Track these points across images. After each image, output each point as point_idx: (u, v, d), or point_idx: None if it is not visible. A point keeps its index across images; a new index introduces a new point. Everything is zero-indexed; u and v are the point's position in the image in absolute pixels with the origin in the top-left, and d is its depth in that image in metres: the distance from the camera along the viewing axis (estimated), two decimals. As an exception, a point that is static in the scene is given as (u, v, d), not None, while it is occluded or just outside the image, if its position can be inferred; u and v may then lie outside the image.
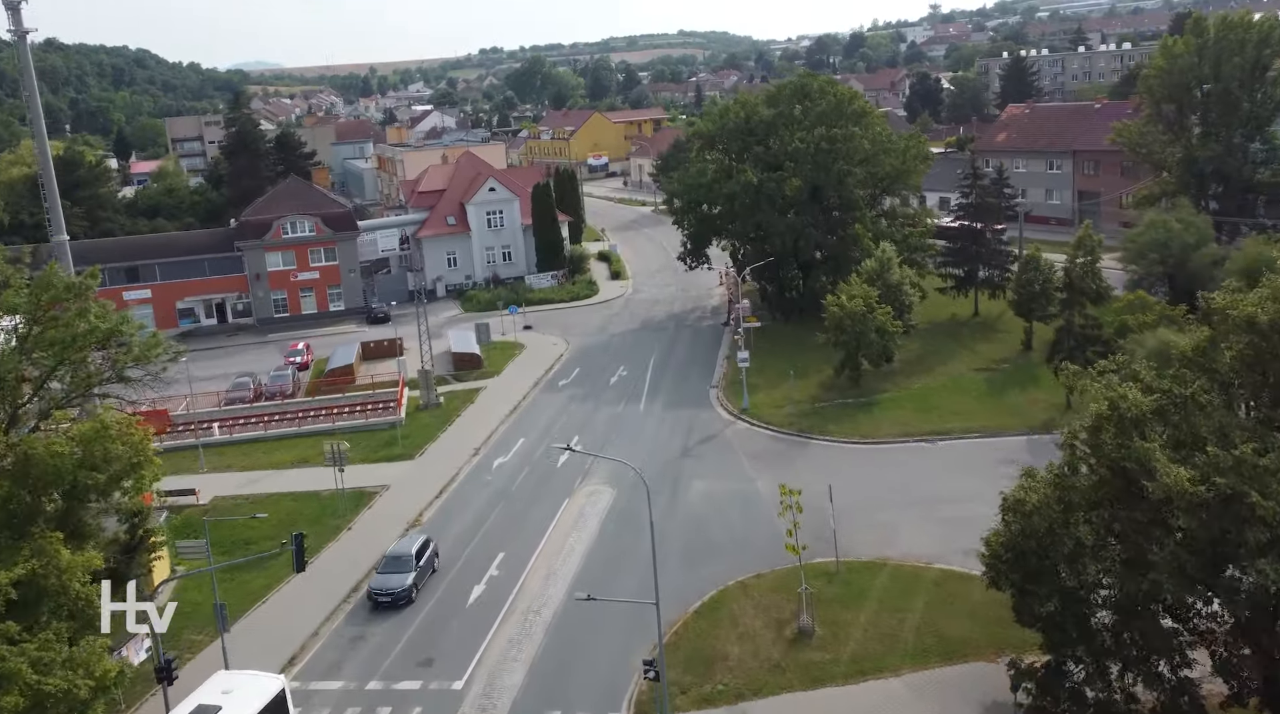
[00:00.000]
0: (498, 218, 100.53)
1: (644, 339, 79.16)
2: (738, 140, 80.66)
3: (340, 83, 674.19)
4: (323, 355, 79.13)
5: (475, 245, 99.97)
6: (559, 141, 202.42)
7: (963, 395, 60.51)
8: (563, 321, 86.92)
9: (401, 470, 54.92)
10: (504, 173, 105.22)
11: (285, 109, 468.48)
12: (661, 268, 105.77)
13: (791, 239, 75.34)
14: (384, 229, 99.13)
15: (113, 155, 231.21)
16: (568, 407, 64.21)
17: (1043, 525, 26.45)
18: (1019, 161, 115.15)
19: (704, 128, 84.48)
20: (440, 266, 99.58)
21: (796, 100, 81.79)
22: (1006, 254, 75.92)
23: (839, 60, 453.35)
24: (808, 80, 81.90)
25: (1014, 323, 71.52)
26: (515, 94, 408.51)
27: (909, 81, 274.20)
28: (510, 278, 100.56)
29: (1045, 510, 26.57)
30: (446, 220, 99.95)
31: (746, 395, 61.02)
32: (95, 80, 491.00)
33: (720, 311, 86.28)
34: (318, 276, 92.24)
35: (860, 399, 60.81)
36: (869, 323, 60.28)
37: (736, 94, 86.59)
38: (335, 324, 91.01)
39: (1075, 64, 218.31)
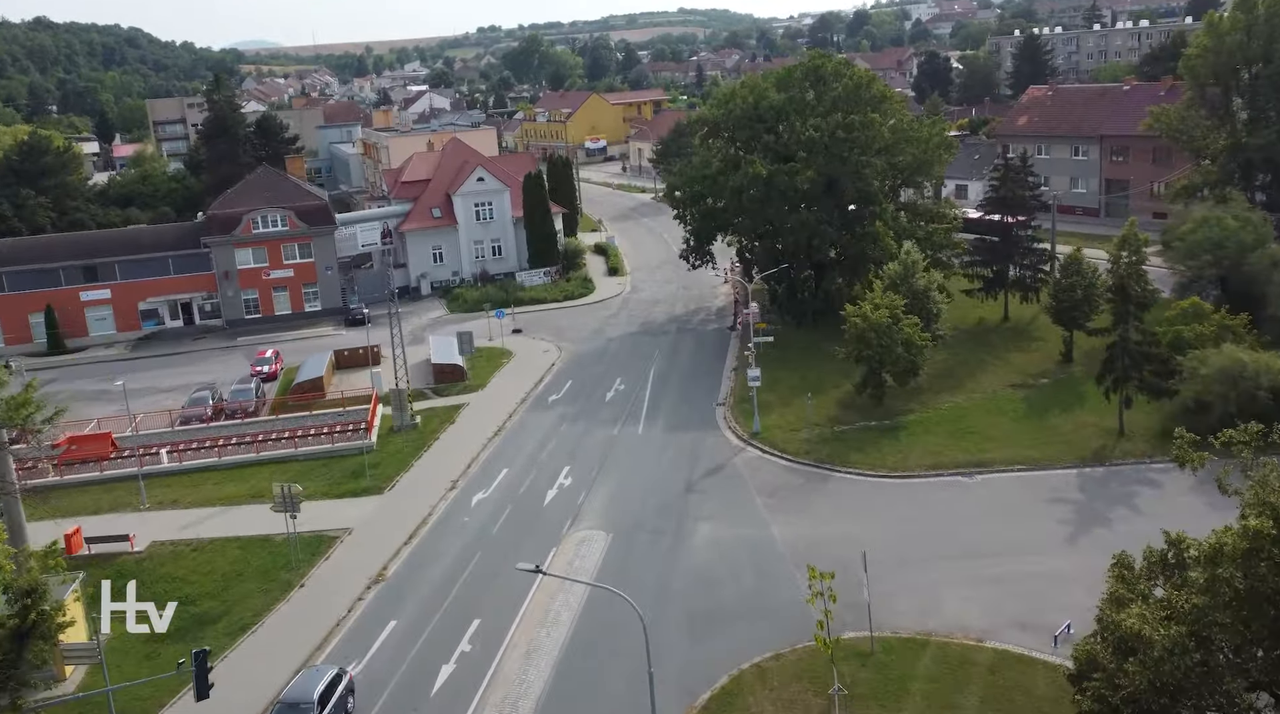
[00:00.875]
0: (486, 210, 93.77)
1: (643, 345, 72.60)
2: (745, 128, 73.81)
3: (335, 63, 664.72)
4: (294, 363, 72.65)
5: (462, 239, 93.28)
6: (555, 124, 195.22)
7: (999, 417, 53.97)
8: (555, 324, 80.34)
9: (368, 508, 48.43)
10: (494, 161, 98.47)
11: (279, 90, 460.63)
12: (662, 262, 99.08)
13: (804, 237, 68.68)
14: (364, 223, 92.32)
15: (94, 138, 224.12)
16: (558, 428, 57.69)
17: (1176, 674, 19.75)
18: (1041, 147, 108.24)
19: (708, 114, 77.65)
20: (425, 262, 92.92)
21: (809, 84, 75.00)
22: (1040, 253, 69.30)
23: (842, 39, 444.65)
24: (821, 61, 74.98)
25: (1049, 329, 65.04)
26: (512, 74, 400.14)
27: (916, 61, 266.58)
28: (500, 274, 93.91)
29: (1180, 657, 19.84)
30: (431, 212, 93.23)
31: (758, 417, 54.50)
32: (85, 60, 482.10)
33: (725, 314, 79.70)
34: (292, 275, 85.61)
35: (885, 421, 54.28)
36: (894, 336, 53.70)
37: (742, 76, 78.50)
38: (311, 326, 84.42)
39: (1090, 42, 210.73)
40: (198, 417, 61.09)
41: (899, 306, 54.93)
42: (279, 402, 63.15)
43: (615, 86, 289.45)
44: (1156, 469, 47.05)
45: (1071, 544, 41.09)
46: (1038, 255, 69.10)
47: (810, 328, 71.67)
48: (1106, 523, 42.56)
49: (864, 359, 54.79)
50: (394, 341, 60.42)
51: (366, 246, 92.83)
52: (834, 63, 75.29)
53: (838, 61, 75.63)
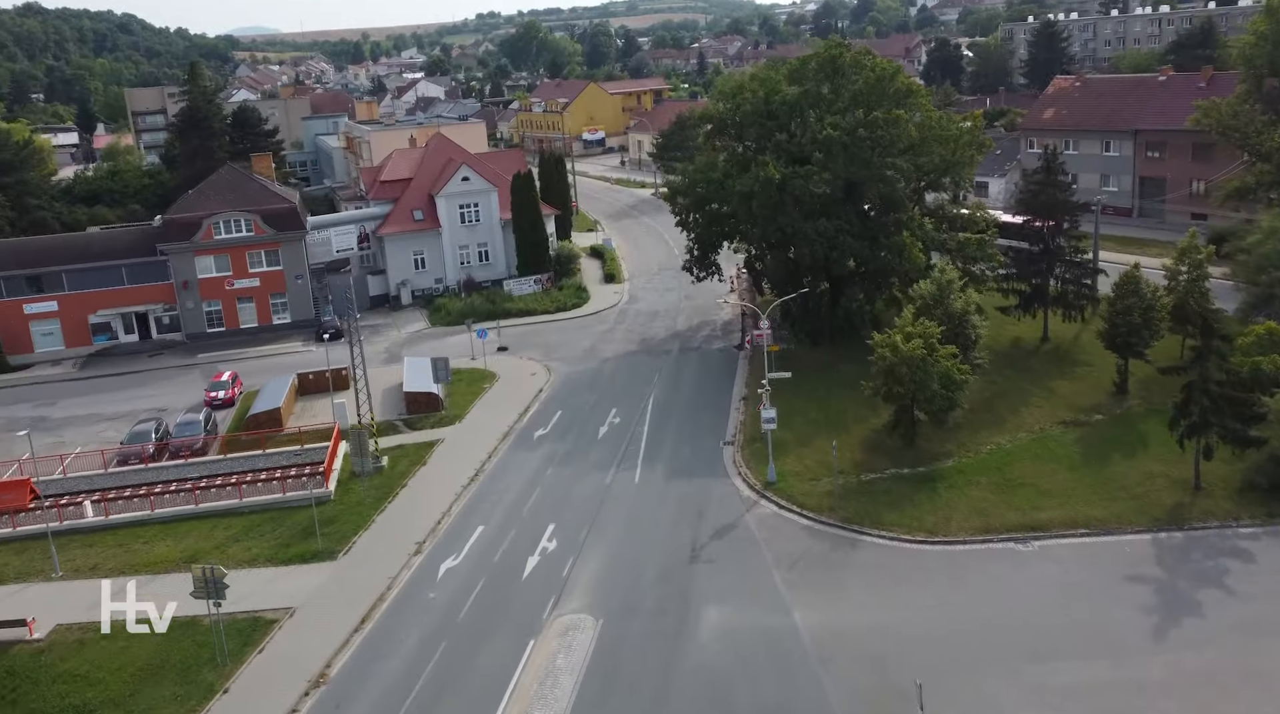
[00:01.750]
0: (472, 212, 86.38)
1: (641, 368, 65.37)
2: (755, 125, 66.38)
3: (331, 49, 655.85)
4: (256, 386, 65.51)
5: (446, 244, 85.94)
6: (552, 114, 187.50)
7: (1051, 464, 46.74)
8: (545, 340, 73.09)
9: (318, 579, 41.24)
10: (481, 158, 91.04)
11: (273, 77, 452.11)
12: (662, 267, 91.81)
13: (822, 248, 61.31)
14: (339, 226, 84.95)
15: (74, 129, 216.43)
16: (543, 473, 50.44)
17: None
18: (1069, 142, 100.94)
19: (714, 110, 70.17)
20: (405, 269, 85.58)
21: (825, 76, 67.55)
22: (1084, 266, 62.01)
23: (847, 25, 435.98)
24: (838, 51, 67.43)
25: (1096, 352, 57.92)
26: (510, 62, 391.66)
27: (925, 48, 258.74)
28: (487, 282, 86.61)
29: None
30: (413, 215, 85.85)
31: (773, 465, 47.28)
32: (75, 47, 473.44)
33: (732, 329, 72.49)
34: (258, 284, 78.31)
35: (919, 468, 47.09)
36: (930, 371, 46.45)
37: (748, 66, 70.62)
38: (279, 341, 77.18)
39: (1108, 29, 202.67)
40: (137, 455, 53.89)
41: (934, 336, 47.68)
42: (229, 438, 55.85)
43: (615, 74, 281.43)
44: (1245, 534, 40.09)
45: (1157, 640, 34.00)
46: (1081, 268, 61.81)
47: (827, 347, 64.46)
48: (1196, 609, 35.48)
49: (893, 397, 47.55)
50: (354, 370, 53.04)
51: (342, 252, 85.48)
52: (852, 53, 67.75)
53: (857, 51, 68.09)
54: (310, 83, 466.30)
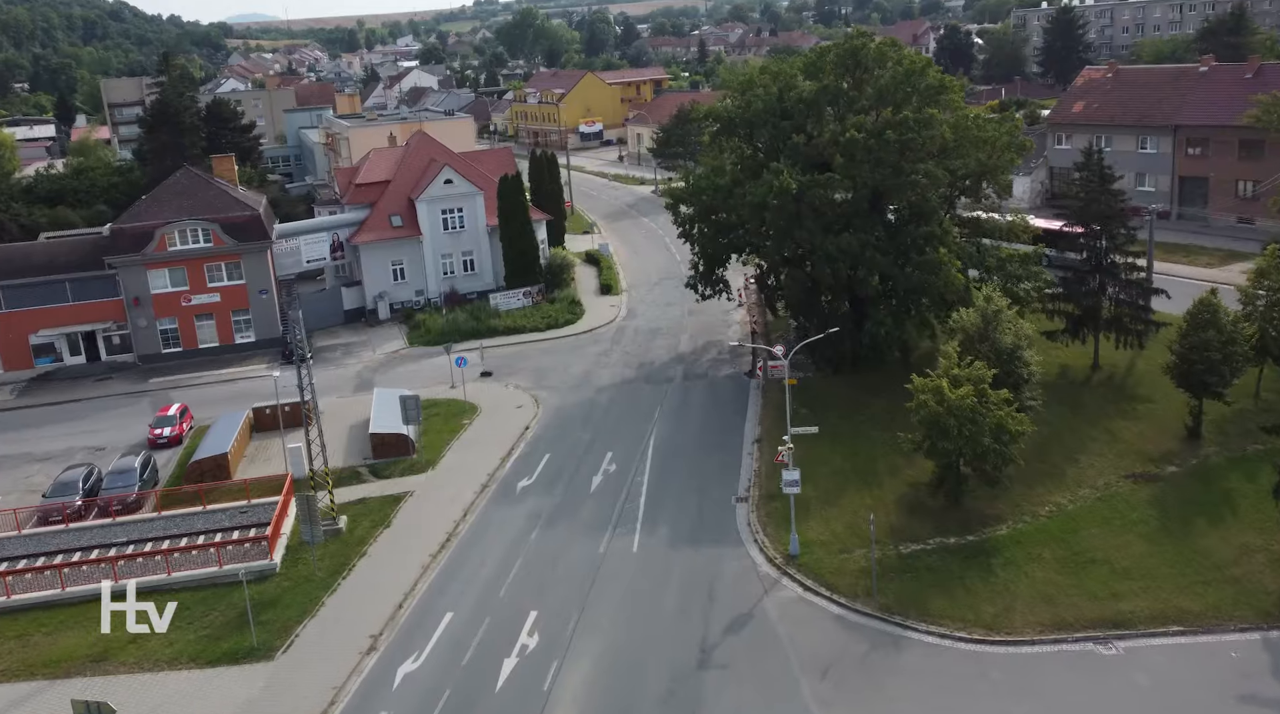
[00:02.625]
0: (455, 217, 79.06)
1: (641, 399, 58.15)
2: (768, 126, 58.98)
3: (326, 37, 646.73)
4: (209, 419, 58.46)
5: (428, 252, 78.61)
6: (547, 106, 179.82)
7: (1125, 533, 39.56)
8: (534, 364, 65.87)
9: (247, 688, 34.03)
10: (466, 158, 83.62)
11: (265, 66, 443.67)
12: (664, 276, 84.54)
13: (845, 266, 54.05)
14: (309, 233, 77.53)
15: (51, 121, 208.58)
16: (526, 537, 43.25)
17: None
18: (1101, 138, 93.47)
19: (721, 109, 62.69)
20: (383, 280, 78.25)
21: (846, 70, 60.19)
22: (1142, 285, 54.73)
23: (850, 10, 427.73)
24: (860, 42, 59.92)
25: (1156, 384, 50.96)
26: (506, 49, 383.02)
27: (933, 35, 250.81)
28: (472, 294, 79.34)
29: None
30: (391, 220, 78.48)
31: (795, 534, 40.10)
32: (64, 34, 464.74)
33: (742, 350, 65.23)
34: (218, 300, 71.03)
35: (968, 536, 39.95)
36: (982, 424, 39.27)
37: (757, 59, 62.63)
38: (242, 362, 69.97)
39: (1126, 15, 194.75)
40: (59, 511, 46.68)
41: (986, 380, 40.47)
42: (165, 493, 48.53)
43: (613, 63, 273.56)
44: (1377, 634, 32.91)
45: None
46: (1138, 288, 54.55)
47: (849, 376, 57.28)
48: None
49: (940, 454, 40.34)
50: (306, 416, 45.74)
51: (313, 262, 78.15)
52: (877, 44, 60.25)
53: (882, 42, 60.57)
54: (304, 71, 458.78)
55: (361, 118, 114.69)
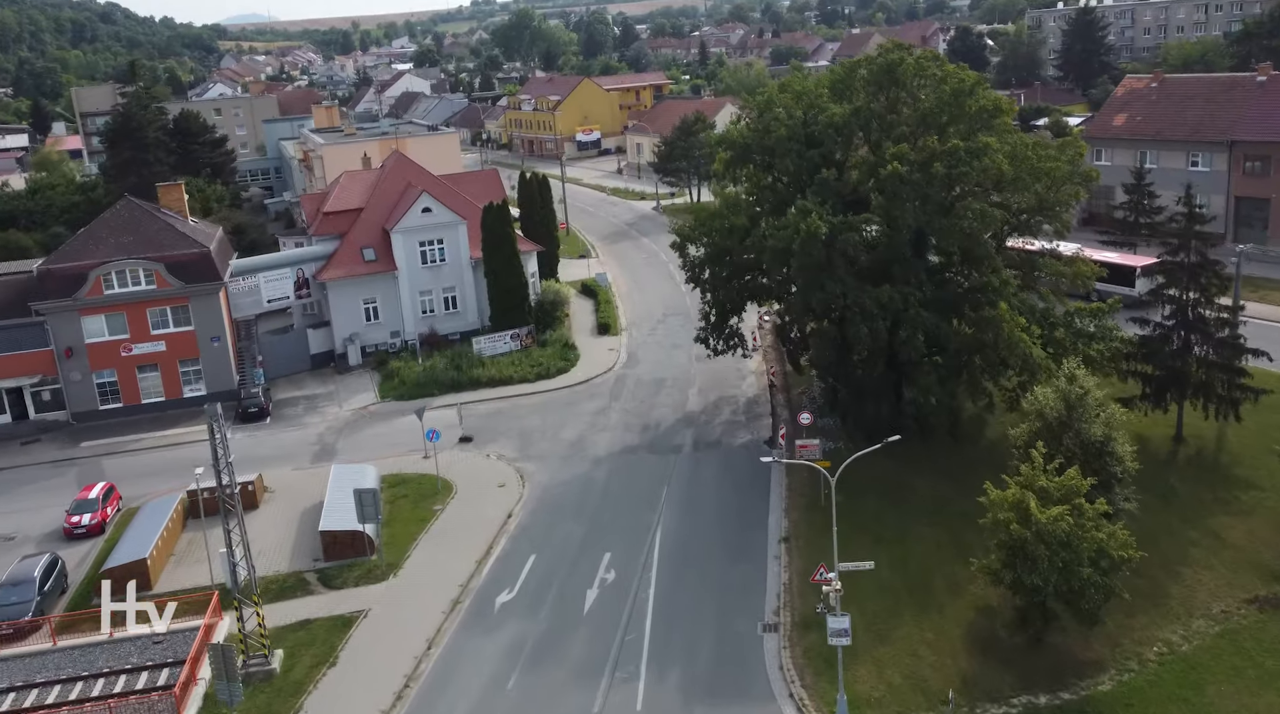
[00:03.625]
0: (435, 250, 70.63)
1: (644, 475, 49.66)
2: (792, 155, 50.48)
3: (321, 38, 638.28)
4: (143, 496, 50.15)
5: (404, 290, 70.18)
6: (542, 113, 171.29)
7: (1265, 690, 31.09)
8: (521, 425, 57.44)
9: None
10: (447, 183, 75.03)
11: (257, 69, 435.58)
12: (668, 311, 76.11)
13: (885, 323, 45.58)
14: (270, 270, 68.97)
15: (25, 130, 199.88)
16: (502, 682, 34.67)
17: None
18: (1145, 154, 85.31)
19: (736, 135, 54.05)
20: (354, 320, 69.78)
21: (880, 88, 51.79)
22: (1238, 345, 46.24)
23: (854, 11, 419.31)
24: (897, 56, 51.40)
25: (1256, 461, 43.05)
26: (502, 51, 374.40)
27: (943, 37, 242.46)
28: (455, 334, 71.02)
29: None
30: (362, 254, 70.02)
31: (843, 697, 31.59)
32: (52, 37, 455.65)
33: (758, 407, 56.93)
34: (163, 349, 62.58)
35: (1061, 694, 31.51)
36: (1080, 551, 30.82)
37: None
38: (191, 421, 61.41)
39: (1148, 16, 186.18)
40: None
41: (1082, 489, 32.04)
42: (61, 621, 39.85)
43: (612, 65, 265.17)
44: None
45: None
46: (1234, 348, 46.09)
47: (889, 449, 48.75)
48: None
49: (1027, 589, 31.81)
50: (226, 518, 37.12)
51: (275, 302, 69.57)
52: (915, 58, 51.74)
53: (921, 57, 52.00)
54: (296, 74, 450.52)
55: (339, 131, 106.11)
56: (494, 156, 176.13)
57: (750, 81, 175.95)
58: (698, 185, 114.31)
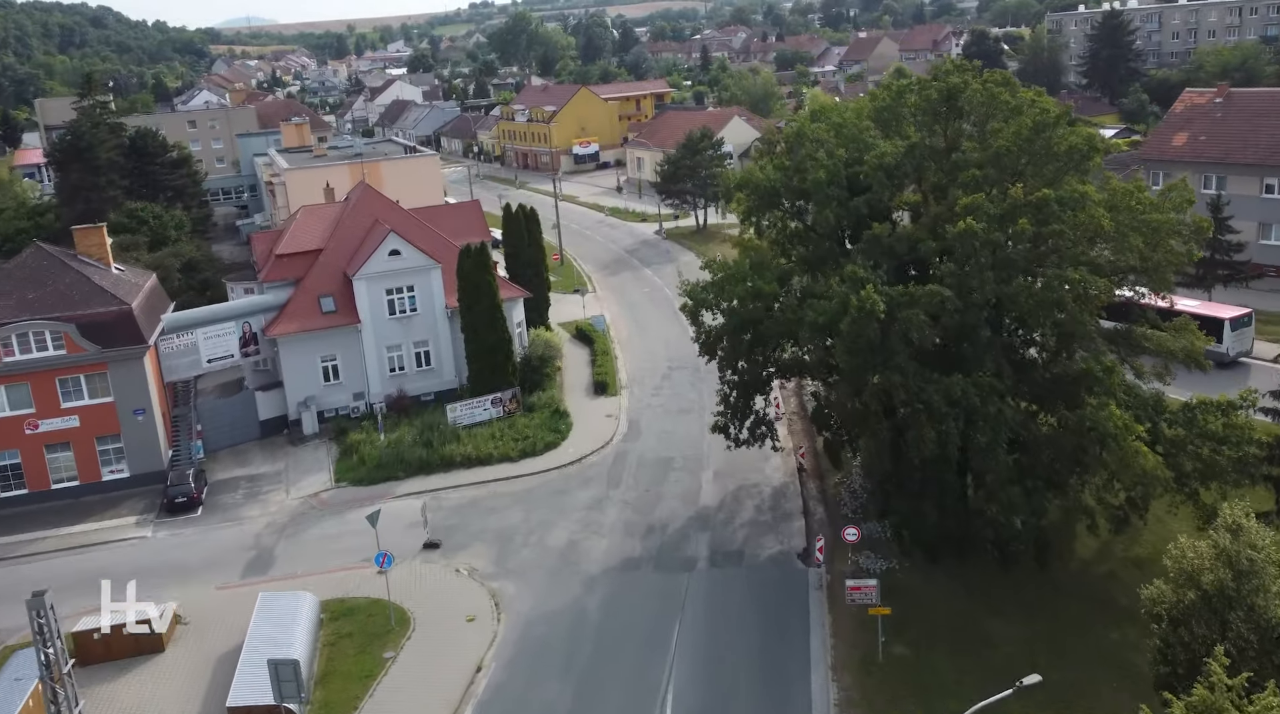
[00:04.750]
0: (405, 299, 60.86)
1: (648, 608, 39.70)
2: (832, 204, 40.59)
3: (316, 42, 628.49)
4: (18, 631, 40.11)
5: (369, 345, 60.43)
6: (537, 124, 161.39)
7: None
8: (499, 524, 47.52)
9: None
10: (420, 218, 65.11)
11: (248, 74, 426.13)
12: (674, 362, 66.33)
13: (958, 426, 35.61)
14: (210, 325, 59.04)
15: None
16: None
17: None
18: (1210, 178, 75.72)
19: (762, 178, 43.78)
20: (309, 382, 59.92)
21: (937, 119, 41.98)
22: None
23: (858, 14, 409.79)
24: (959, 80, 41.46)
25: None
26: (499, 56, 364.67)
27: (956, 41, 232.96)
28: (428, 394, 61.34)
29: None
30: (320, 304, 60.19)
31: None
32: (39, 42, 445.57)
33: (787, 502, 47.07)
34: (77, 425, 52.74)
35: None
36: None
37: (816, 102, 43.30)
38: (107, 512, 51.64)
39: (1177, 19, 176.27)
40: None
41: None
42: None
43: (611, 71, 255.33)
44: None
45: None
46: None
47: (955, 570, 39.02)
48: None
49: None
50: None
51: (216, 361, 59.67)
52: (983, 82, 41.83)
53: (989, 80, 42.06)
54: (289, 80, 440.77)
55: (308, 152, 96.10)
56: (486, 170, 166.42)
57: (756, 90, 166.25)
58: (704, 208, 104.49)
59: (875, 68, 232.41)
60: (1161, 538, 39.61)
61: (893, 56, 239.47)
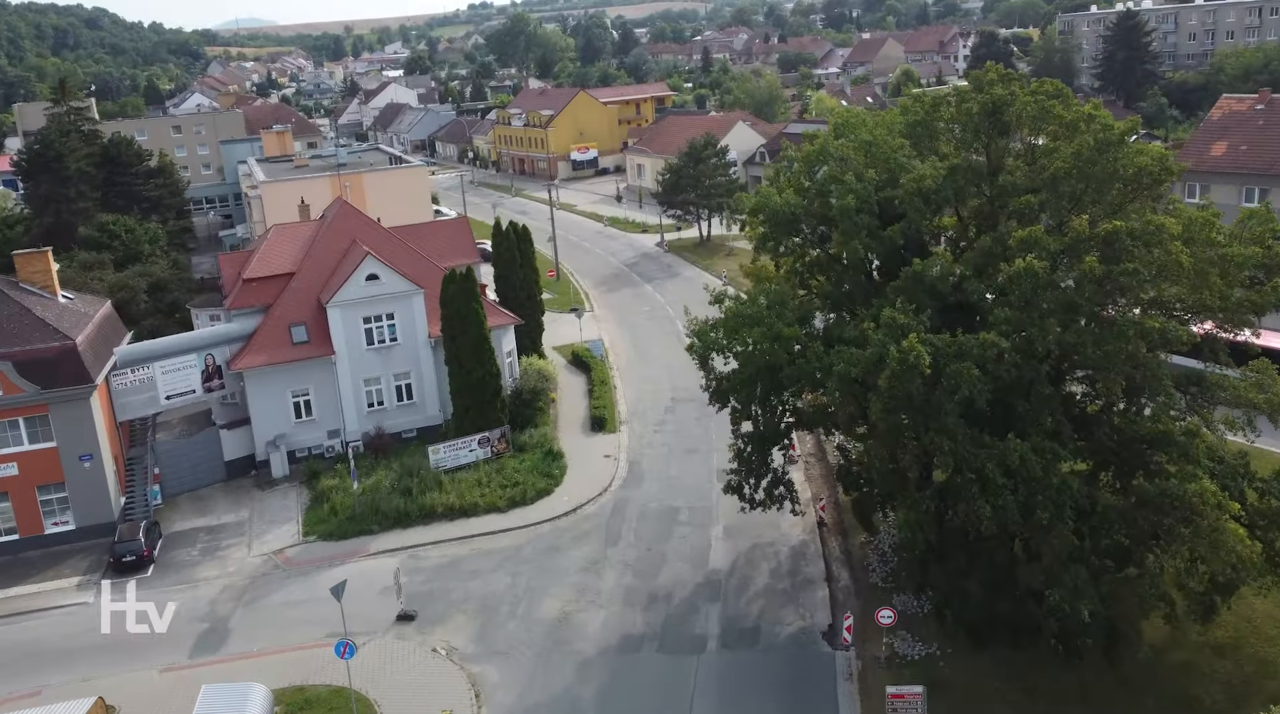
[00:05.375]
0: (384, 328, 55.59)
1: (650, 702, 34.46)
2: (861, 234, 35.32)
3: (313, 43, 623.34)
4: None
5: (344, 379, 55.19)
6: (534, 129, 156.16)
7: None
8: (482, 590, 42.18)
9: None
10: (400, 239, 59.70)
11: (243, 76, 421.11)
12: (677, 393, 61.05)
13: (1017, 499, 30.26)
14: (169, 358, 53.72)
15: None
16: None
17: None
18: (1252, 192, 70.69)
19: (780, 204, 38.17)
20: (279, 419, 54.65)
21: (978, 135, 36.73)
22: None
23: (860, 15, 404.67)
24: (1005, 92, 36.16)
25: None
26: (497, 58, 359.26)
27: (963, 42, 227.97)
28: (410, 431, 56.18)
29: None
30: (291, 333, 54.93)
31: None
32: (32, 44, 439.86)
33: (807, 564, 41.83)
34: (15, 472, 47.46)
35: None
36: None
37: (839, 114, 37.36)
38: (47, 573, 46.36)
39: (1193, 20, 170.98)
40: None
41: None
42: None
43: (610, 73, 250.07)
44: None
45: None
46: None
47: (1003, 655, 33.71)
48: None
49: None
50: None
51: (175, 398, 54.34)
52: (1033, 94, 36.53)
53: (1038, 91, 36.76)
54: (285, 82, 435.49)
55: (289, 161, 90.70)
56: (481, 176, 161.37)
57: (761, 93, 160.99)
58: (707, 219, 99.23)
59: (880, 69, 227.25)
60: (1244, 618, 34.54)
61: (898, 58, 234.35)
